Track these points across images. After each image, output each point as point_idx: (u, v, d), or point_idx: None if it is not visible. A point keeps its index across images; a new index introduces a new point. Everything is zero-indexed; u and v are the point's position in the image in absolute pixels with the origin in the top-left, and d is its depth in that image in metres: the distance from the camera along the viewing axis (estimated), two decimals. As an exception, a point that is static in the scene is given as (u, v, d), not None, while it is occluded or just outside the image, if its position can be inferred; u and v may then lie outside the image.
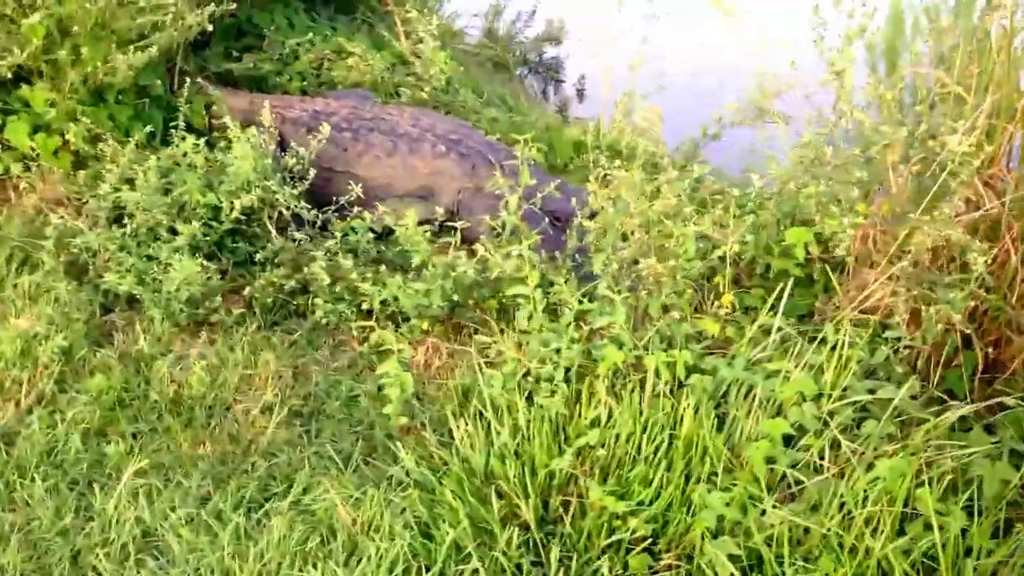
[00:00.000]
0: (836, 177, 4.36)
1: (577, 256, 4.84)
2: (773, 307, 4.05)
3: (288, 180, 5.35)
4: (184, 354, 4.64)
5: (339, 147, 5.77)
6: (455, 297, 4.61)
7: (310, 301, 4.97)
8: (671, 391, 3.90)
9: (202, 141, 5.31)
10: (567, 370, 4.03)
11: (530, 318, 4.13)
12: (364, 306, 4.81)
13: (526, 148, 4.76)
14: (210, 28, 5.87)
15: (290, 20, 7.49)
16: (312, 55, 7.10)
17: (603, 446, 3.79)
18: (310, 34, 7.19)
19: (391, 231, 5.08)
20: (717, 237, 4.25)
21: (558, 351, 4.05)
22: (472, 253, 5.05)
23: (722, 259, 4.17)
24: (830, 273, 4.36)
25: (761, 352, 3.97)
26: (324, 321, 4.87)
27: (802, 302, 4.55)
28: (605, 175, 4.57)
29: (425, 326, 4.66)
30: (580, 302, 4.17)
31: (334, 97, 6.41)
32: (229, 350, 4.66)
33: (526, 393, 4.04)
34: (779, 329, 3.97)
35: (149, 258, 4.99)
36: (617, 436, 3.82)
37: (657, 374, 3.93)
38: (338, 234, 5.18)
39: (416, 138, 5.74)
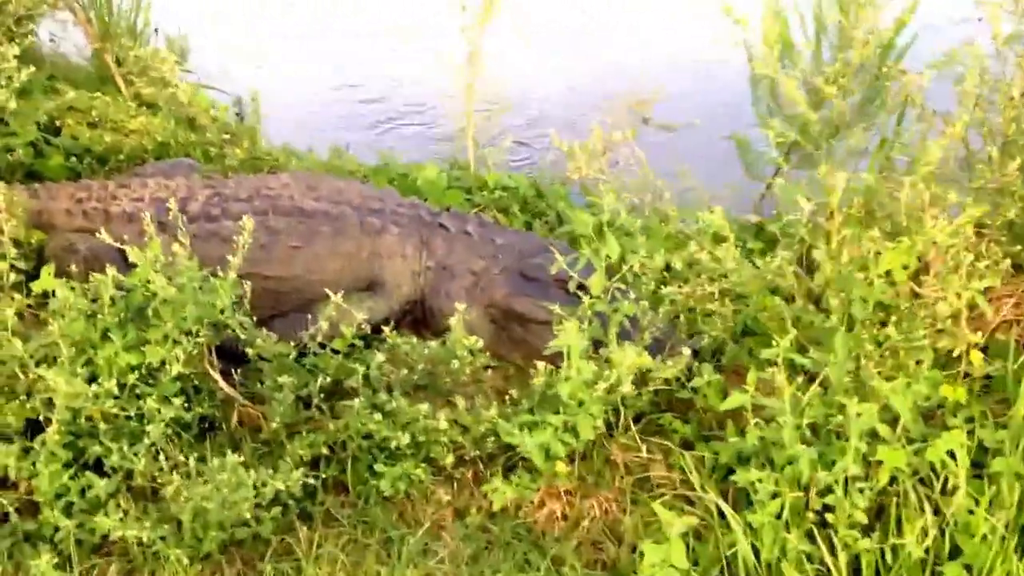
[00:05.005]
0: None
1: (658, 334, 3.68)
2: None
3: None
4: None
5: (227, 241, 3.94)
6: (598, 423, 3.28)
7: (349, 465, 3.32)
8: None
9: (108, 277, 3.27)
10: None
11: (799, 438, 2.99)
12: (445, 460, 3.30)
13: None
14: (13, 106, 3.68)
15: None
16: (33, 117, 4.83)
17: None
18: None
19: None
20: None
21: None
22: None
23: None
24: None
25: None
26: (387, 492, 3.27)
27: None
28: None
29: (562, 468, 3.27)
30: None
31: (156, 174, 4.42)
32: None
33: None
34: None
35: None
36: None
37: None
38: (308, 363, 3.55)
39: (335, 215, 4.09)
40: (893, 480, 3.04)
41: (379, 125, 6.73)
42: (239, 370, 3.63)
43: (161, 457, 3.05)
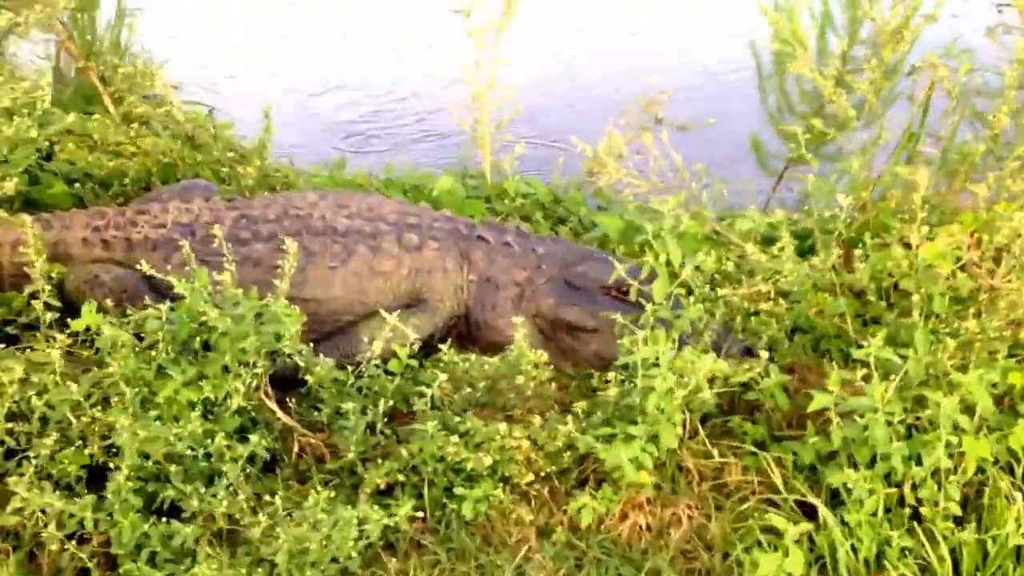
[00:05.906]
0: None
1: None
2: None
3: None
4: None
5: (259, 265, 3.80)
6: (678, 430, 3.20)
7: (426, 490, 3.19)
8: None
9: (163, 310, 3.09)
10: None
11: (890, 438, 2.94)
12: (523, 479, 3.19)
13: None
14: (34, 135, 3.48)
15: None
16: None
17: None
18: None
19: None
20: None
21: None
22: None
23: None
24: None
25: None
26: (468, 515, 3.15)
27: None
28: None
29: (647, 479, 3.18)
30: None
31: (173, 196, 4.23)
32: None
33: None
34: None
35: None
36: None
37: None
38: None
39: (370, 233, 3.95)
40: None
41: (377, 131, 6.59)
42: (293, 398, 3.47)
43: (240, 496, 2.89)
